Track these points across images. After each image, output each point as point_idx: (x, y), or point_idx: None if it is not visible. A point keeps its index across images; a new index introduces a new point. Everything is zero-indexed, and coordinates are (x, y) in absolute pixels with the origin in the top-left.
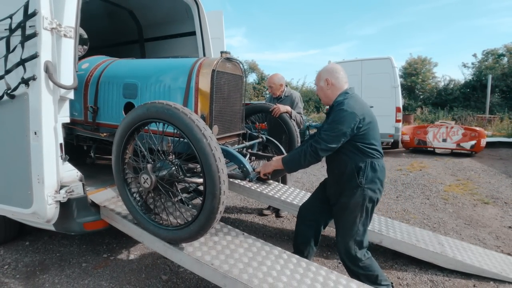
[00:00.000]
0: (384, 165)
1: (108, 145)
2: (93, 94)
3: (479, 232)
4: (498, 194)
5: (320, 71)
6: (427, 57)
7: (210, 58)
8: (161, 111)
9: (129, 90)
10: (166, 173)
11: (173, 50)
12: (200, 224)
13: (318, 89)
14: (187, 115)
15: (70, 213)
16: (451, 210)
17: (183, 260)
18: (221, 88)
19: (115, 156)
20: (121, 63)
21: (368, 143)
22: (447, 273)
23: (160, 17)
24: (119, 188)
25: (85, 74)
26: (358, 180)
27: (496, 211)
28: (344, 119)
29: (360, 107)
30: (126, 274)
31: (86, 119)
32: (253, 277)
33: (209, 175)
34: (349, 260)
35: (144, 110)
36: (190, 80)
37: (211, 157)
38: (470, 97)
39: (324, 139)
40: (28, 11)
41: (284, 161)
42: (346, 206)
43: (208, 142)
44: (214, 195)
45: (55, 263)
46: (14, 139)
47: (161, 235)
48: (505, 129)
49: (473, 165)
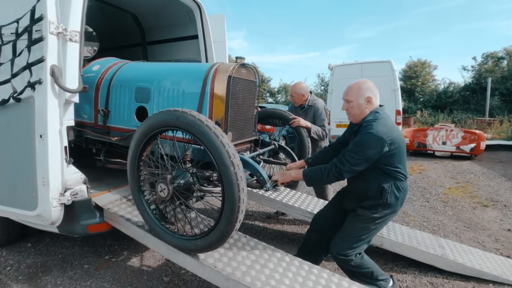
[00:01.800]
0: (407, 188)
1: (118, 148)
2: (104, 97)
3: (478, 234)
4: (498, 197)
5: (358, 88)
6: (427, 60)
7: (225, 64)
8: (191, 124)
9: (142, 94)
10: (183, 183)
11: (175, 53)
12: (219, 233)
13: (353, 106)
14: (211, 129)
15: (74, 216)
16: (451, 213)
17: (186, 263)
18: (236, 94)
19: (130, 164)
20: (134, 66)
21: (393, 166)
22: (447, 276)
23: (162, 20)
24: (134, 196)
25: (96, 76)
26: (383, 200)
27: (495, 214)
28: (371, 143)
29: (388, 131)
30: (127, 275)
31: (97, 122)
32: (256, 279)
33: (228, 183)
34: (340, 261)
35: (174, 118)
36: (205, 85)
37: (230, 165)
38: (470, 100)
39: (349, 161)
40: (35, 16)
41: (305, 175)
42: (362, 214)
43: (227, 150)
44: (234, 204)
45: (57, 265)
46: (19, 142)
47: (179, 245)
48: (505, 132)
49: (473, 168)
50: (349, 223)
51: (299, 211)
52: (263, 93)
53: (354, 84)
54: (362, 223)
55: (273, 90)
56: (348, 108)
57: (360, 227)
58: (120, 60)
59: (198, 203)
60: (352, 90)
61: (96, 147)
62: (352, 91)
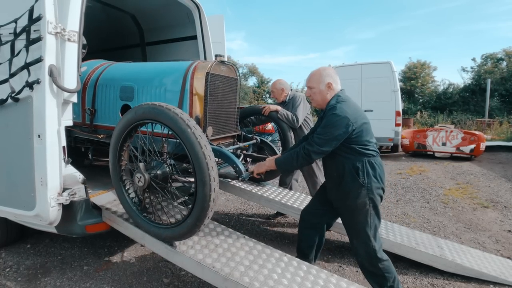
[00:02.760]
0: (381, 163)
1: (105, 146)
2: (91, 97)
3: (478, 235)
4: (498, 198)
5: (319, 74)
6: (426, 61)
7: (204, 61)
8: (147, 111)
9: (126, 93)
10: (160, 172)
11: (174, 54)
12: (195, 215)
13: (315, 92)
14: (170, 110)
15: (73, 216)
16: (451, 214)
17: (185, 263)
18: (215, 91)
19: (112, 157)
20: (118, 67)
21: (362, 144)
22: (447, 277)
23: (161, 21)
24: (116, 187)
25: (83, 77)
26: (360, 180)
27: (495, 215)
28: (337, 123)
29: (352, 111)
30: (127, 277)
31: (84, 121)
32: (254, 280)
33: (197, 163)
34: (369, 262)
35: (133, 113)
36: (185, 82)
37: (197, 145)
38: (469, 101)
39: (316, 142)
40: (33, 16)
41: (277, 162)
42: (353, 207)
43: (193, 132)
44: (204, 182)
45: (56, 266)
46: (18, 142)
47: (160, 235)
48: (504, 133)
49: (473, 169)
50: (351, 223)
51: (298, 211)
52: (263, 94)
53: (315, 71)
54: (359, 215)
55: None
56: (310, 95)
57: (361, 220)
58: (106, 61)
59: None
60: (314, 77)
61: (85, 146)
62: (314, 78)
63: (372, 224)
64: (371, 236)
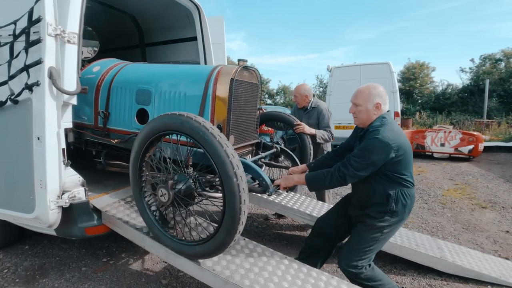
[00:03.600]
0: (414, 196)
1: (118, 151)
2: (105, 99)
3: (477, 236)
4: (496, 198)
5: (369, 93)
6: (425, 62)
7: (228, 66)
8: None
9: (143, 96)
10: (184, 188)
11: (174, 55)
12: (217, 242)
13: (361, 111)
14: (200, 124)
15: (72, 218)
16: (449, 215)
17: (184, 266)
18: (239, 97)
19: (132, 164)
20: (134, 68)
21: (399, 173)
22: (445, 278)
23: (161, 22)
24: (137, 201)
25: (96, 77)
26: (389, 206)
27: (493, 216)
28: (376, 149)
29: (395, 137)
30: (125, 278)
31: (97, 124)
32: (255, 283)
33: (230, 194)
34: (349, 273)
35: (178, 122)
36: (207, 88)
37: (233, 176)
38: (468, 101)
39: (353, 166)
40: (33, 17)
41: (308, 179)
42: (369, 225)
43: (230, 160)
44: (234, 215)
45: (54, 267)
46: (17, 144)
47: (186, 252)
48: (503, 133)
49: (471, 169)
50: (356, 235)
51: (298, 213)
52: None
53: (364, 88)
54: (369, 233)
55: (271, 91)
56: (355, 112)
57: (368, 238)
58: (121, 61)
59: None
60: (362, 94)
61: (96, 149)
62: (362, 95)
63: (374, 248)
64: (362, 255)
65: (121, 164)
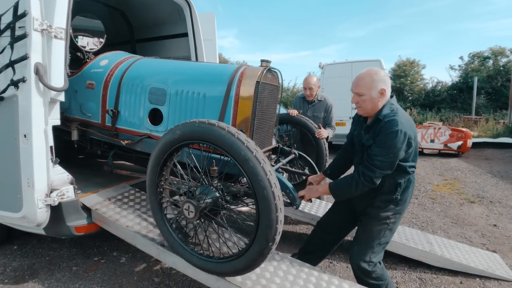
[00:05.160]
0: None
1: (128, 152)
2: (114, 96)
3: (465, 230)
4: (484, 193)
5: (370, 79)
6: (415, 59)
7: (252, 68)
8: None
9: (157, 96)
10: (211, 202)
11: (165, 51)
12: (252, 256)
13: (365, 100)
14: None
15: (61, 217)
16: (439, 209)
17: (177, 263)
18: (262, 101)
19: (150, 176)
20: (147, 63)
21: (410, 162)
22: (435, 271)
23: (152, 18)
24: (155, 216)
25: (104, 72)
26: (395, 195)
27: (481, 210)
28: (400, 141)
29: (411, 125)
30: (117, 277)
31: (104, 122)
32: (247, 279)
33: (265, 203)
34: (361, 272)
35: (208, 131)
36: (229, 90)
37: (267, 183)
38: (457, 98)
39: (378, 166)
40: (18, 12)
41: (332, 189)
42: (374, 216)
43: (268, 178)
44: (270, 225)
45: (44, 267)
46: (3, 142)
47: (216, 270)
48: (490, 130)
49: (460, 165)
50: (364, 230)
51: (310, 216)
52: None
53: (365, 75)
54: (376, 226)
55: None
56: (358, 101)
57: (375, 231)
58: (131, 55)
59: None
60: (363, 82)
61: (102, 149)
62: (364, 83)
63: (383, 240)
64: (373, 249)
65: (132, 167)
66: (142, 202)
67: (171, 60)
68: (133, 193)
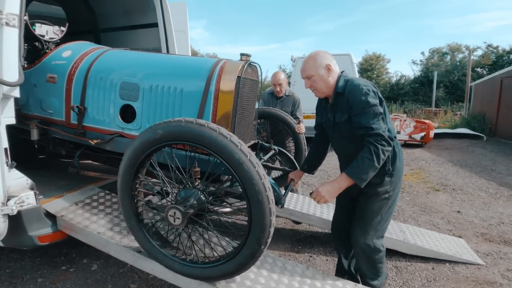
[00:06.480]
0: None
1: (96, 152)
2: (79, 91)
3: (433, 217)
4: (447, 181)
5: (313, 59)
6: (381, 54)
7: (232, 62)
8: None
9: (128, 91)
10: (197, 205)
11: (133, 42)
12: (252, 245)
13: (316, 80)
14: (227, 138)
15: (22, 227)
16: (408, 198)
17: (155, 269)
18: (243, 96)
19: (122, 181)
20: (117, 55)
21: (388, 129)
22: (409, 259)
23: (117, 6)
24: (130, 226)
25: (67, 64)
26: (386, 167)
27: (446, 197)
28: (371, 98)
29: (368, 83)
30: (89, 286)
31: (69, 120)
32: (231, 281)
33: (259, 207)
34: (369, 249)
35: (195, 132)
36: (209, 85)
37: (262, 188)
38: (419, 91)
39: (377, 127)
40: None
41: (354, 175)
42: (372, 194)
43: (255, 167)
44: (264, 229)
45: (5, 281)
46: None
47: (190, 274)
48: (449, 121)
49: (424, 155)
50: (364, 208)
51: (288, 211)
52: None
53: (307, 59)
54: (377, 202)
55: None
56: (311, 85)
57: (377, 207)
58: (98, 46)
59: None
60: (308, 64)
61: (67, 149)
62: (309, 65)
63: (385, 215)
64: (375, 227)
65: (100, 167)
66: (113, 205)
67: (144, 52)
68: (102, 196)
